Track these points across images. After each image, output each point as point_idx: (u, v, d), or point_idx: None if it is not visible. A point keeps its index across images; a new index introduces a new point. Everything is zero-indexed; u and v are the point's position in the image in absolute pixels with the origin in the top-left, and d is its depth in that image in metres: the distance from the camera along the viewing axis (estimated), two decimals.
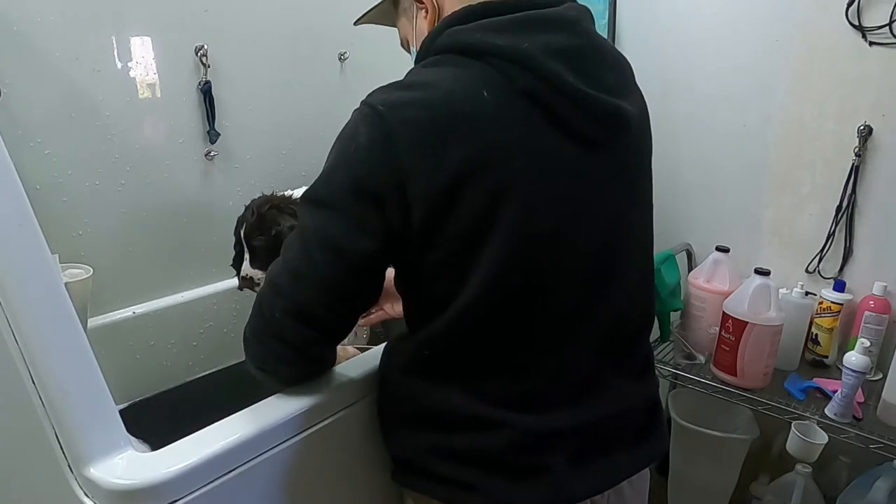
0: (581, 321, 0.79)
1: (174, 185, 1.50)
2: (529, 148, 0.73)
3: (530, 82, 0.73)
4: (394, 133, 0.70)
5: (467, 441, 0.77)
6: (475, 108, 0.72)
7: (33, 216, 0.75)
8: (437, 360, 0.79)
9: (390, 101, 0.73)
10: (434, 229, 0.72)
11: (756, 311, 1.34)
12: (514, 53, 0.72)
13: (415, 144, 0.70)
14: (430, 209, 0.71)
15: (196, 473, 0.74)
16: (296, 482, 0.87)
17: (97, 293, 1.26)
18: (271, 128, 1.68)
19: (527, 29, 0.74)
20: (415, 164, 0.70)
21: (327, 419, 0.89)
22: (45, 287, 0.75)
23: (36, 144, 1.26)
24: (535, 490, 0.76)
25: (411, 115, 0.71)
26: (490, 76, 0.73)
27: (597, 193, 0.78)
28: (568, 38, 0.75)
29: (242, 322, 1.64)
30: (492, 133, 0.72)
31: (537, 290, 0.76)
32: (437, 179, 0.70)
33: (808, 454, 1.26)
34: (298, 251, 0.75)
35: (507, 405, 0.77)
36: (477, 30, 0.75)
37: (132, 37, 1.36)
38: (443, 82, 0.73)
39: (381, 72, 1.93)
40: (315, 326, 0.77)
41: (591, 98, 0.74)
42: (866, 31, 1.39)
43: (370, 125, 0.72)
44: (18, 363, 0.73)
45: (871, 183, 1.45)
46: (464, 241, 0.73)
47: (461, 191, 0.71)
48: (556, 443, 0.77)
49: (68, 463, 0.73)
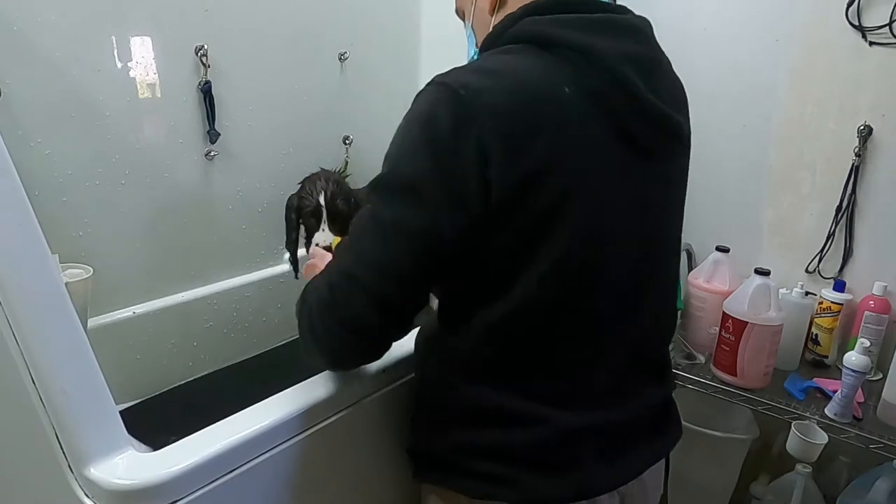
0: (621, 324, 0.81)
1: (174, 185, 1.50)
2: (596, 149, 0.74)
3: (602, 84, 0.73)
4: (478, 119, 0.68)
5: (506, 437, 0.78)
6: (556, 104, 0.72)
7: (33, 216, 0.75)
8: (486, 356, 0.78)
9: (473, 85, 0.70)
10: (504, 220, 0.71)
11: (756, 311, 1.34)
12: (591, 53, 0.73)
13: (498, 133, 0.69)
14: (504, 199, 0.70)
15: (196, 473, 0.74)
16: (296, 482, 0.87)
17: (97, 293, 1.26)
18: (271, 128, 1.68)
19: (602, 30, 0.75)
20: (496, 153, 0.68)
21: (328, 419, 0.89)
22: (45, 287, 0.75)
23: (36, 144, 1.26)
24: (565, 483, 0.78)
25: (495, 102, 0.69)
26: (565, 73, 0.73)
27: (644, 202, 0.79)
28: (637, 46, 0.77)
29: (242, 322, 1.65)
30: (568, 130, 0.72)
31: (587, 290, 0.77)
32: (515, 171, 0.69)
33: (808, 454, 1.26)
34: (379, 243, 0.72)
35: (548, 402, 0.78)
36: (555, 23, 0.75)
37: (132, 37, 1.36)
38: (525, 73, 0.72)
39: (381, 72, 1.95)
40: (398, 318, 0.76)
41: (655, 108, 0.76)
42: (866, 31, 1.39)
43: (452, 108, 0.69)
44: (18, 363, 0.73)
45: (871, 183, 1.45)
46: (527, 235, 0.72)
47: (534, 185, 0.70)
48: (588, 439, 0.79)
49: (68, 463, 0.73)
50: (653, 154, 0.79)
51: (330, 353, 0.80)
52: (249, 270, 1.71)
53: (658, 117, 0.77)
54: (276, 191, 1.72)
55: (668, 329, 0.93)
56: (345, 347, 0.78)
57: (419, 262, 0.72)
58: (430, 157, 0.70)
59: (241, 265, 1.70)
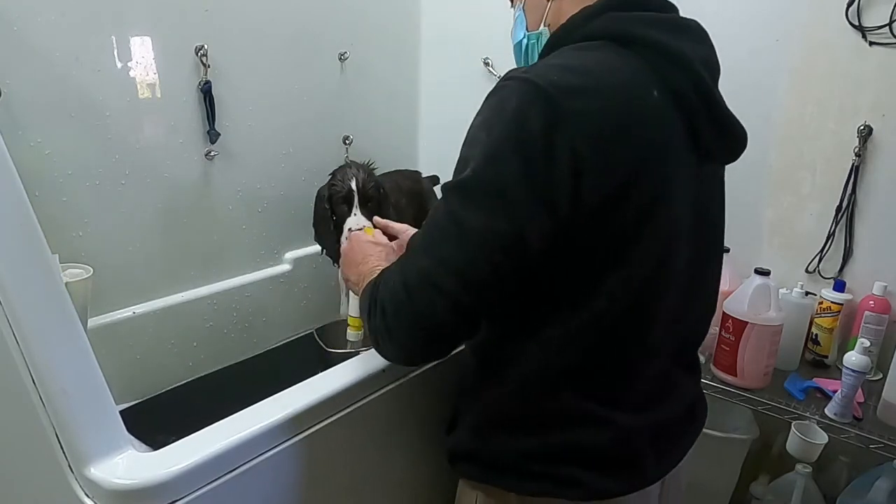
0: (676, 324, 0.82)
1: (174, 185, 1.50)
2: (675, 153, 0.74)
3: (683, 86, 0.73)
4: (568, 122, 0.66)
5: (570, 440, 0.78)
6: (643, 107, 0.71)
7: (33, 216, 0.75)
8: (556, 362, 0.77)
9: (563, 86, 0.67)
10: (592, 227, 0.69)
11: (756, 311, 1.34)
12: (676, 54, 0.72)
13: (590, 138, 0.66)
14: (594, 206, 0.68)
15: (196, 473, 0.74)
16: (296, 482, 0.87)
17: (97, 293, 1.26)
18: (271, 128, 1.68)
19: (680, 32, 0.75)
20: (588, 159, 0.66)
21: (328, 419, 0.89)
22: (45, 287, 0.75)
23: (36, 144, 1.26)
24: (625, 479, 0.80)
25: (587, 105, 0.67)
26: (648, 73, 0.72)
27: (701, 204, 0.81)
28: (708, 50, 0.78)
29: (242, 322, 1.64)
30: (654, 135, 0.71)
31: (659, 294, 0.77)
32: (607, 177, 0.67)
33: (808, 454, 1.26)
34: (461, 248, 0.68)
35: (613, 403, 0.78)
36: (639, 21, 0.74)
37: (132, 37, 1.36)
38: (614, 74, 0.70)
39: (381, 72, 1.95)
40: (473, 321, 0.74)
41: (723, 112, 0.77)
42: (866, 31, 1.39)
43: (543, 110, 0.66)
44: (19, 363, 0.73)
45: (871, 183, 1.45)
46: (614, 242, 0.71)
47: (624, 192, 0.69)
48: (644, 437, 0.80)
49: (69, 463, 0.73)
50: (711, 156, 0.80)
51: (403, 349, 0.77)
52: (249, 270, 1.71)
53: (724, 122, 0.78)
54: (276, 191, 1.73)
55: (707, 326, 0.94)
56: (419, 345, 0.76)
57: (501, 269, 0.69)
58: (520, 161, 0.66)
59: (241, 265, 1.69)
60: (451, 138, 2.36)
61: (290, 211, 1.78)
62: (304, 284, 1.82)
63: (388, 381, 0.97)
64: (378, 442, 1.00)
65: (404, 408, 1.02)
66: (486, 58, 1.91)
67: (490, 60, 1.91)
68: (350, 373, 0.93)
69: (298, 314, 1.80)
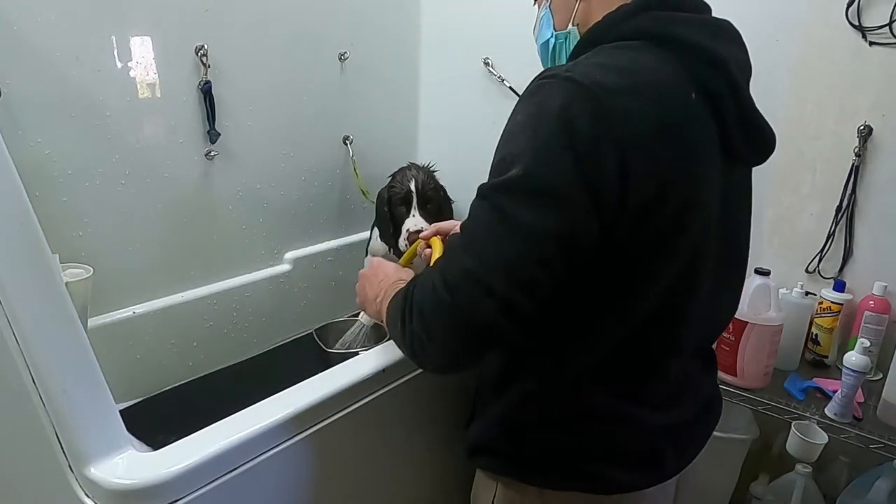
0: (700, 324, 0.83)
1: (174, 185, 1.50)
2: (709, 155, 0.74)
3: (720, 88, 0.73)
4: (614, 121, 0.66)
5: (598, 436, 0.80)
6: (682, 108, 0.71)
7: (33, 216, 0.75)
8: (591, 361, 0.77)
9: (605, 83, 0.66)
10: (637, 226, 0.69)
11: (756, 311, 1.34)
12: (713, 56, 0.72)
13: (634, 137, 0.66)
14: (640, 206, 0.68)
15: (196, 473, 0.74)
16: (296, 482, 0.87)
17: (97, 293, 1.26)
18: (271, 128, 1.68)
19: (717, 33, 0.75)
20: (634, 160, 0.66)
21: (328, 419, 0.89)
22: (45, 287, 0.75)
23: (36, 144, 1.26)
24: (647, 473, 0.82)
25: (629, 105, 0.67)
26: (688, 75, 0.72)
27: (732, 208, 0.81)
28: (742, 53, 0.79)
29: (242, 322, 1.64)
30: (690, 137, 0.72)
31: (689, 295, 0.78)
32: (651, 178, 0.68)
33: (808, 454, 1.26)
34: (510, 247, 0.66)
35: (640, 402, 0.80)
36: (676, 21, 0.74)
37: (132, 37, 1.36)
38: (655, 74, 0.70)
39: (381, 72, 1.95)
40: (525, 322, 0.69)
41: (755, 116, 0.77)
42: (866, 31, 1.39)
43: (590, 110, 0.65)
44: (19, 363, 0.73)
45: (871, 183, 1.45)
46: (657, 241, 0.71)
47: (665, 192, 0.69)
48: (668, 435, 0.82)
49: (69, 463, 0.73)
50: (740, 159, 0.80)
51: (445, 351, 0.72)
52: (249, 270, 1.71)
53: (755, 126, 0.78)
54: (276, 191, 1.73)
55: (726, 326, 0.97)
56: (466, 349, 0.71)
57: (552, 268, 0.67)
58: (570, 161, 0.65)
59: (241, 265, 1.69)
60: (451, 138, 2.36)
61: (290, 211, 1.78)
62: (304, 284, 1.82)
63: (389, 380, 0.97)
64: (379, 441, 1.00)
65: (404, 407, 1.02)
66: (486, 58, 1.91)
67: (490, 60, 1.91)
68: (350, 373, 0.93)
69: (298, 314, 1.80)
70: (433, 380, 1.04)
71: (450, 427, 1.07)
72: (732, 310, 0.95)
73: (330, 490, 0.93)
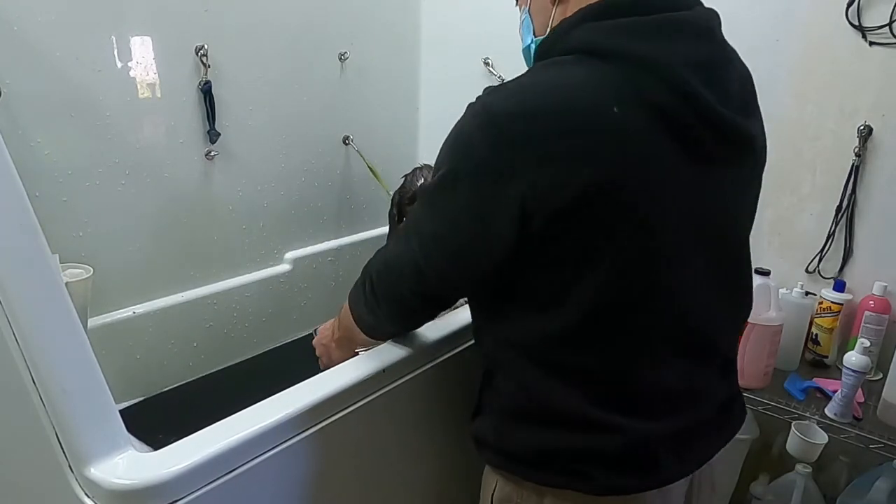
0: (698, 331, 0.81)
1: (174, 185, 1.50)
2: (651, 166, 0.72)
3: (665, 96, 0.70)
4: (515, 147, 0.69)
5: (582, 442, 0.79)
6: (603, 126, 0.69)
7: (33, 216, 0.75)
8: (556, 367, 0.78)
9: (511, 110, 0.69)
10: (547, 241, 0.72)
11: (756, 311, 1.34)
12: (653, 64, 0.70)
13: (538, 161, 0.68)
14: (548, 223, 0.70)
15: (196, 473, 0.74)
16: (296, 482, 0.87)
17: (97, 293, 1.26)
18: (272, 127, 1.68)
19: (668, 35, 0.71)
20: (538, 181, 0.68)
21: (328, 419, 0.89)
22: (45, 287, 0.75)
23: (36, 144, 1.26)
24: (640, 477, 0.80)
25: (533, 128, 0.68)
26: (621, 87, 0.70)
27: (714, 211, 0.78)
28: (704, 48, 0.74)
29: (242, 322, 1.65)
30: (617, 153, 0.70)
31: (646, 305, 0.76)
32: (558, 198, 0.68)
33: (808, 454, 1.26)
34: (419, 251, 0.80)
35: (623, 410, 0.78)
36: (618, 31, 0.72)
37: (132, 37, 1.36)
38: (571, 91, 0.70)
39: (381, 72, 1.95)
40: (440, 306, 0.89)
41: (723, 118, 0.73)
42: (866, 31, 1.39)
43: (490, 136, 0.69)
44: (19, 363, 0.73)
45: (871, 183, 1.45)
46: (573, 258, 0.72)
47: (580, 210, 0.69)
48: (663, 443, 0.80)
49: (69, 463, 0.73)
50: (722, 162, 0.77)
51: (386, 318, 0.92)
52: (249, 270, 1.71)
53: (726, 127, 0.74)
54: (276, 191, 1.73)
55: (738, 328, 0.94)
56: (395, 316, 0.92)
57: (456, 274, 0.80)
58: (467, 187, 0.73)
59: (241, 265, 1.70)
60: None
61: (290, 211, 1.78)
62: (304, 284, 1.82)
63: (389, 380, 0.97)
64: (379, 441, 1.00)
65: (405, 407, 1.02)
66: (486, 58, 1.91)
67: (490, 60, 1.91)
68: (350, 373, 0.93)
69: (298, 314, 1.81)
70: (433, 379, 1.04)
71: (451, 425, 1.07)
72: (740, 311, 0.91)
73: (331, 490, 0.93)
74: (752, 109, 0.81)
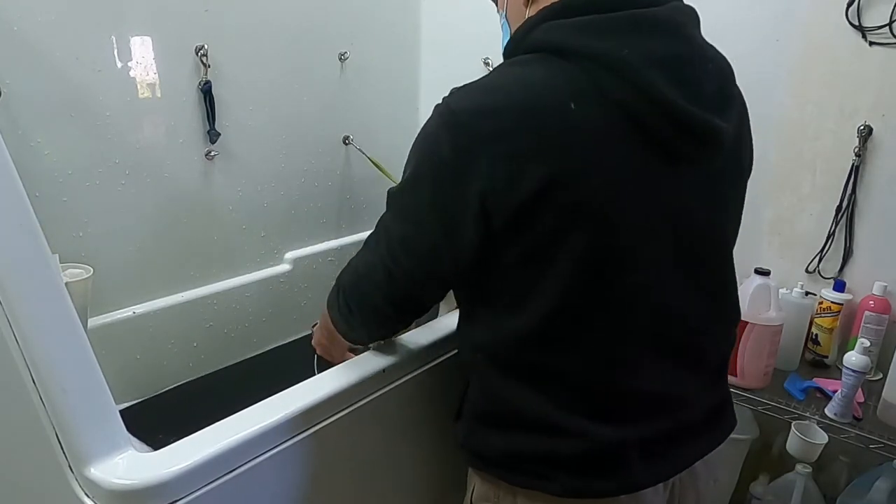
0: (664, 334, 0.79)
1: (174, 185, 1.50)
2: (611, 163, 0.71)
3: (625, 94, 0.69)
4: (478, 145, 0.70)
5: (548, 445, 0.79)
6: (560, 124, 0.69)
7: (33, 216, 0.75)
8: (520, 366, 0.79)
9: (472, 108, 0.71)
10: (509, 240, 0.73)
11: (756, 311, 1.34)
12: (612, 61, 0.69)
13: (497, 158, 0.69)
14: (509, 220, 0.71)
15: (196, 473, 0.74)
16: (296, 482, 0.87)
17: (97, 293, 1.26)
18: (271, 127, 1.68)
19: (629, 32, 0.70)
20: (497, 177, 0.70)
21: (328, 419, 0.89)
22: (45, 287, 0.75)
23: (36, 144, 1.26)
24: (609, 481, 0.79)
25: (495, 126, 0.69)
26: (580, 85, 0.70)
27: (682, 209, 0.77)
28: (670, 45, 0.72)
29: (242, 322, 1.64)
30: (574, 150, 0.70)
31: (615, 306, 0.75)
32: (516, 194, 0.70)
33: (808, 454, 1.26)
34: (388, 254, 0.81)
35: (590, 416, 0.77)
36: (575, 29, 0.71)
37: (132, 37, 1.36)
38: (528, 90, 0.71)
39: (381, 72, 1.95)
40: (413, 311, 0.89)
41: (686, 113, 0.71)
42: (866, 31, 1.39)
43: (452, 134, 0.71)
44: (19, 363, 0.73)
45: (871, 183, 1.45)
46: (535, 256, 0.73)
47: (538, 206, 0.70)
48: (632, 448, 0.79)
49: (69, 463, 0.73)
50: (688, 159, 0.75)
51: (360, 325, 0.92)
52: (249, 270, 1.71)
53: (690, 122, 0.72)
54: (276, 191, 1.73)
55: (728, 333, 0.91)
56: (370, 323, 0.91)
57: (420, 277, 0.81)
58: (430, 186, 0.75)
59: (241, 265, 1.69)
60: None
61: (290, 211, 1.78)
62: (304, 284, 1.82)
63: (389, 380, 0.97)
64: (379, 441, 1.00)
65: (405, 407, 1.02)
66: (487, 58, 1.91)
67: (490, 60, 1.91)
68: (350, 373, 0.93)
69: (298, 314, 1.80)
70: (433, 379, 1.04)
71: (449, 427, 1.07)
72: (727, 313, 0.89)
73: (330, 490, 0.93)
74: (730, 108, 0.79)
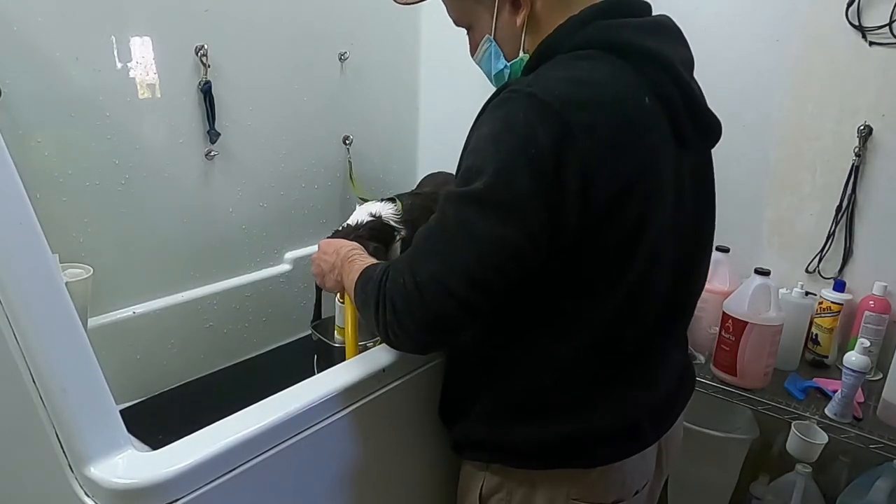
0: (671, 308, 0.88)
1: (174, 185, 1.50)
2: (664, 154, 0.79)
3: (669, 89, 0.77)
4: (575, 135, 0.70)
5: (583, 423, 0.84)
6: (640, 115, 0.75)
7: (33, 216, 0.75)
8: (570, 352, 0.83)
9: (565, 98, 0.71)
10: (598, 232, 0.75)
11: (756, 311, 1.34)
12: (662, 59, 0.77)
13: (595, 149, 0.71)
14: (601, 214, 0.73)
15: (196, 473, 0.74)
16: (296, 482, 0.87)
17: (97, 293, 1.26)
18: (271, 127, 1.68)
19: (661, 35, 0.79)
20: (595, 172, 0.71)
21: (328, 418, 0.89)
22: (45, 287, 0.75)
23: (36, 144, 1.26)
24: (627, 446, 0.88)
25: (590, 118, 0.71)
26: (641, 80, 0.76)
27: (688, 195, 0.85)
28: (684, 50, 0.84)
29: (242, 322, 1.64)
30: (649, 140, 0.76)
31: (653, 284, 0.83)
32: (612, 187, 0.73)
33: (808, 454, 1.26)
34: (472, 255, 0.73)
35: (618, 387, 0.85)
36: (626, 28, 0.77)
37: (132, 37, 1.36)
38: (610, 84, 0.75)
39: (381, 72, 1.95)
40: (482, 318, 0.78)
41: (703, 109, 0.83)
42: (866, 31, 1.39)
43: (549, 125, 0.70)
44: (19, 363, 0.73)
45: (871, 183, 1.45)
46: (620, 243, 0.77)
47: (628, 195, 0.74)
48: (646, 411, 0.88)
49: (69, 462, 0.73)
50: (692, 150, 0.85)
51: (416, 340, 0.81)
52: (249, 270, 1.71)
53: (704, 118, 0.84)
54: (276, 191, 1.73)
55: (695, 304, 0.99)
56: (432, 338, 0.81)
57: (510, 274, 0.74)
58: (531, 176, 0.70)
59: (241, 265, 1.69)
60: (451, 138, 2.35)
61: (290, 211, 1.78)
62: (304, 284, 1.82)
63: (389, 380, 0.97)
64: (379, 440, 1.00)
65: (405, 406, 1.02)
66: None
67: None
68: (350, 373, 0.93)
69: (298, 314, 1.80)
70: (434, 379, 1.04)
71: None
72: (699, 290, 0.98)
73: (330, 490, 0.93)
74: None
